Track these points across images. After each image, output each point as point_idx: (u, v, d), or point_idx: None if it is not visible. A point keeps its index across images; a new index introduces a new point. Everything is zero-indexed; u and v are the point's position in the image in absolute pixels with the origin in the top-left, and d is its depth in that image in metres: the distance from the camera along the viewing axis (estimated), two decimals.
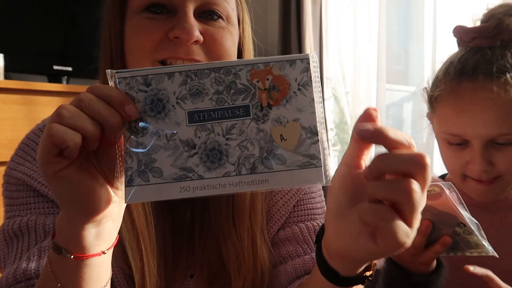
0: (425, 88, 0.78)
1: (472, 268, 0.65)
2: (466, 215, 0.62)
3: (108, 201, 0.43)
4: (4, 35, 1.84)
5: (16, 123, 1.61)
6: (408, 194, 0.36)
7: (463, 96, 0.69)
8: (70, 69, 1.99)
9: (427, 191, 0.57)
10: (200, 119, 0.41)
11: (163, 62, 0.58)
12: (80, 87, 1.80)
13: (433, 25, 2.27)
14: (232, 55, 0.61)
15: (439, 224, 0.65)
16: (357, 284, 0.46)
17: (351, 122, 2.70)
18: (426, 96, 0.79)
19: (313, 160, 0.40)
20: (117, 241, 0.48)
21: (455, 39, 0.78)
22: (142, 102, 0.41)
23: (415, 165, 0.37)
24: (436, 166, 2.30)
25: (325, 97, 2.71)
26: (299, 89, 0.41)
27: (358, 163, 0.41)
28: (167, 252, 0.62)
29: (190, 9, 0.56)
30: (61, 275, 0.45)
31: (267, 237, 0.66)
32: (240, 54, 0.65)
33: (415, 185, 0.37)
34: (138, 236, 0.58)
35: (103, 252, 0.46)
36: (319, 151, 0.40)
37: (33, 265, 0.53)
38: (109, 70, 0.41)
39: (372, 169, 0.38)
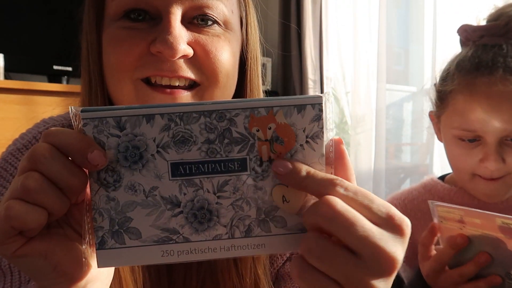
0: (435, 84, 0.76)
1: None
2: None
3: (89, 264, 0.36)
4: (4, 35, 1.84)
5: (16, 123, 1.60)
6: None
7: (480, 90, 0.68)
8: (70, 69, 1.99)
9: (506, 223, 0.55)
10: (186, 173, 0.34)
11: (146, 81, 0.49)
12: (80, 87, 1.80)
13: (433, 25, 2.27)
14: (230, 69, 0.51)
15: (497, 261, 0.60)
16: None
17: (351, 122, 2.70)
18: (434, 93, 0.77)
19: None
20: None
21: (455, 39, 0.77)
22: (114, 149, 0.34)
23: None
24: (436, 166, 2.30)
25: None
26: (307, 142, 0.35)
27: None
28: None
29: (176, 15, 0.46)
30: None
31: (272, 271, 0.59)
32: (243, 63, 0.56)
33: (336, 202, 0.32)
34: (121, 283, 0.50)
35: None
36: None
37: None
38: (72, 107, 0.33)
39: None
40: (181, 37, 0.46)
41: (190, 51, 0.47)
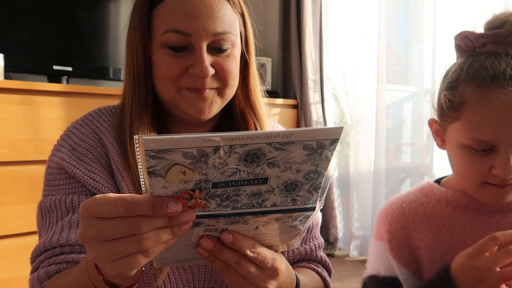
0: (446, 93, 0.75)
1: None
2: None
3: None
4: (4, 35, 1.84)
5: (16, 123, 1.61)
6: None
7: (497, 102, 0.67)
8: (70, 69, 1.99)
9: None
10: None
11: (187, 88, 0.71)
12: (80, 87, 1.80)
13: (433, 25, 2.27)
14: (235, 74, 0.74)
15: None
16: None
17: (351, 122, 2.70)
18: (441, 101, 0.75)
19: None
20: None
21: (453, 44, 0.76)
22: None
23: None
24: (436, 166, 2.30)
25: (325, 97, 2.72)
26: None
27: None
28: None
29: (204, 49, 0.70)
30: None
31: None
32: (247, 64, 0.78)
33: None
34: None
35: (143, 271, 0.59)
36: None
37: (56, 237, 0.68)
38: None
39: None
40: (208, 67, 0.69)
41: (213, 71, 0.71)
